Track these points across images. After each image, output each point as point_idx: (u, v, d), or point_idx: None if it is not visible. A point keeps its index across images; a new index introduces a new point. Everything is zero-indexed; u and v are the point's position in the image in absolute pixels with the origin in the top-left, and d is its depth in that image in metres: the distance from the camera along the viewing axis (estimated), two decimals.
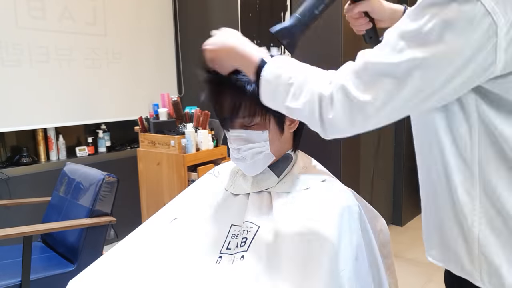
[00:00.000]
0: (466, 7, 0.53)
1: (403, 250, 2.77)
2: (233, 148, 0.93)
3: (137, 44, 3.13)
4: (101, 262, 0.94)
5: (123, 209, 2.37)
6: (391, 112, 0.61)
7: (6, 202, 2.13)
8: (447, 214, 0.68)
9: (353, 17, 0.91)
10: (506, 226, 0.61)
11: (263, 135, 0.90)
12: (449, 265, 0.72)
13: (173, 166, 2.31)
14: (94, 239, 1.85)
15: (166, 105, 2.56)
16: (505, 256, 0.62)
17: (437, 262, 0.75)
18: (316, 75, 0.69)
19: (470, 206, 0.64)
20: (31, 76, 2.53)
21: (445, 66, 0.56)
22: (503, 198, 0.61)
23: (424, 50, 0.56)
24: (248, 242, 0.85)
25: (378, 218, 0.99)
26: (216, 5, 3.17)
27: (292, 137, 0.98)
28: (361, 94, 0.61)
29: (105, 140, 3.01)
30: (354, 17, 0.91)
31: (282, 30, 0.83)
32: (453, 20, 0.54)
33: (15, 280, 1.60)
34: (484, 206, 0.63)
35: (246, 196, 0.96)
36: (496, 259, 0.62)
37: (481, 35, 0.54)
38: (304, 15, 0.83)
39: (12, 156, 2.57)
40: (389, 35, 0.61)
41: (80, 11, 2.74)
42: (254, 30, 2.92)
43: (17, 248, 1.78)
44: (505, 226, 0.61)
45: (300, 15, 0.83)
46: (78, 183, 1.96)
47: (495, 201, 0.62)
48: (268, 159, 0.93)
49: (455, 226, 0.67)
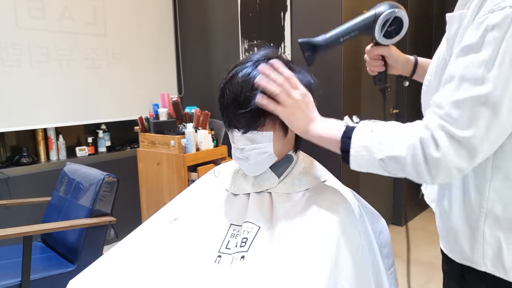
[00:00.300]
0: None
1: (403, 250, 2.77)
2: (236, 148, 0.93)
3: (137, 44, 3.13)
4: (101, 262, 0.94)
5: (123, 209, 2.37)
6: (495, 140, 0.63)
7: (6, 202, 2.13)
8: (457, 204, 0.74)
9: (371, 58, 1.03)
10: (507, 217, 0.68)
11: (267, 136, 0.90)
12: (454, 254, 0.77)
13: (173, 166, 2.31)
14: (94, 239, 1.85)
15: (166, 105, 2.56)
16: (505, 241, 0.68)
17: (444, 250, 0.81)
18: (404, 127, 0.69)
19: (479, 200, 0.70)
20: (31, 76, 2.53)
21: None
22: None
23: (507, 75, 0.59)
24: (248, 242, 0.85)
25: (378, 218, 0.99)
26: (216, 5, 3.17)
27: (294, 138, 0.98)
28: (462, 130, 0.62)
29: (105, 140, 3.01)
30: (372, 58, 1.02)
31: (308, 43, 0.93)
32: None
33: (15, 280, 1.60)
34: (492, 200, 0.69)
35: (246, 196, 0.96)
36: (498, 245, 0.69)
37: None
38: (331, 36, 0.93)
39: (12, 156, 2.57)
40: (455, 69, 0.64)
41: (80, 11, 2.74)
42: (254, 30, 2.92)
43: (17, 248, 1.78)
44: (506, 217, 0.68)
45: (328, 37, 0.93)
46: (78, 183, 1.96)
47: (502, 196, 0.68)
48: (271, 160, 0.93)
49: (464, 218, 0.73)
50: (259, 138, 0.90)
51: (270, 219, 0.88)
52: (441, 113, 0.64)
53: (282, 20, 2.73)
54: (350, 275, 0.81)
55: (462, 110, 0.62)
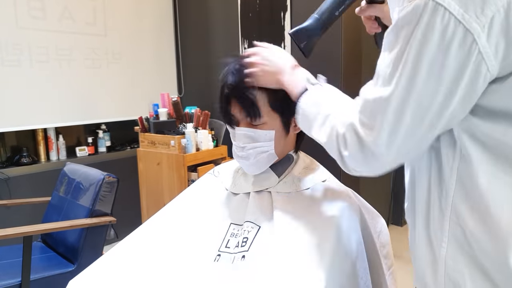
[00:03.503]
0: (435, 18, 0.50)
1: (403, 250, 2.77)
2: (237, 146, 0.93)
3: (137, 44, 3.13)
4: (101, 262, 0.94)
5: (123, 209, 2.37)
6: (401, 147, 0.57)
7: (6, 202, 2.13)
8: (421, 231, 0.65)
9: (366, 18, 0.92)
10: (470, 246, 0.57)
11: (269, 135, 0.90)
12: (418, 283, 0.68)
13: (173, 166, 2.31)
14: (94, 239, 1.85)
15: (166, 105, 2.56)
16: (470, 275, 0.58)
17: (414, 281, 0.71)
18: (342, 109, 0.68)
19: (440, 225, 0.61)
20: (31, 76, 2.53)
21: (434, 89, 0.53)
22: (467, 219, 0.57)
23: (409, 77, 0.54)
24: (249, 242, 0.85)
25: (378, 218, 0.99)
26: (216, 5, 3.17)
27: (295, 138, 0.98)
28: (367, 132, 0.59)
29: (105, 140, 3.01)
30: (367, 18, 0.91)
31: (299, 32, 0.82)
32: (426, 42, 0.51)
33: (15, 280, 1.60)
34: (452, 227, 0.59)
35: (246, 196, 0.96)
36: (461, 279, 0.58)
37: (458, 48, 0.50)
38: (323, 14, 0.80)
39: (12, 156, 2.57)
40: (378, 65, 0.60)
41: (80, 11, 2.74)
42: (254, 30, 2.92)
43: (17, 248, 1.78)
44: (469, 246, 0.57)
45: (318, 15, 0.81)
46: (78, 183, 1.96)
47: (461, 222, 0.58)
48: (271, 159, 0.93)
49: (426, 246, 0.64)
50: (261, 136, 0.90)
51: (270, 219, 0.88)
52: (358, 109, 0.62)
53: (282, 20, 2.73)
54: (350, 275, 0.81)
55: (371, 110, 0.58)
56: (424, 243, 0.64)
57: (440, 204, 0.61)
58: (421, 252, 0.65)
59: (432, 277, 0.63)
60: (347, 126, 0.62)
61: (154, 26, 3.26)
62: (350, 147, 0.61)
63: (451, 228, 0.59)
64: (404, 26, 0.54)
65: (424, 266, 0.64)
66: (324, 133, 0.68)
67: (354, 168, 0.64)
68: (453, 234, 0.59)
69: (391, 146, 0.57)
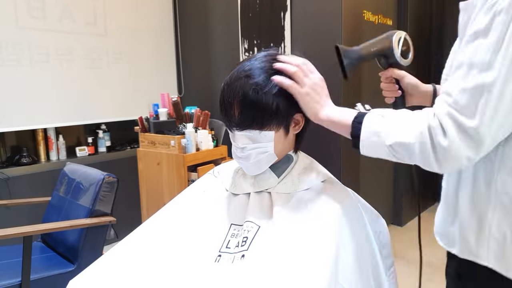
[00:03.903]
0: None
1: (403, 250, 2.77)
2: (237, 147, 0.93)
3: (137, 44, 3.13)
4: (101, 262, 0.94)
5: (123, 209, 2.38)
6: (499, 129, 0.62)
7: (6, 202, 2.13)
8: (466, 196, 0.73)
9: (386, 82, 0.98)
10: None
11: (268, 136, 0.90)
12: (457, 248, 0.76)
13: (173, 166, 2.31)
14: (94, 239, 1.85)
15: (166, 105, 2.57)
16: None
17: (443, 244, 0.81)
18: (413, 114, 0.69)
19: (488, 192, 0.69)
20: (31, 76, 2.53)
21: None
22: None
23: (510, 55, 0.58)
24: (248, 241, 0.85)
25: (378, 218, 0.99)
26: (216, 5, 3.17)
27: (295, 139, 0.98)
28: (469, 119, 0.61)
29: (105, 140, 3.01)
30: (387, 82, 0.98)
31: (350, 51, 0.87)
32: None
33: (15, 280, 1.60)
34: (499, 193, 0.68)
35: (246, 196, 0.96)
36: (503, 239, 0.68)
37: None
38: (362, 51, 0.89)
39: (12, 156, 2.57)
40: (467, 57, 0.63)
41: (80, 11, 2.74)
42: (254, 30, 2.92)
43: (17, 248, 1.78)
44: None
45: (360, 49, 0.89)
46: (78, 183, 1.96)
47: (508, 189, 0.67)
48: (271, 160, 0.93)
49: (472, 210, 0.72)
50: (260, 137, 0.90)
51: (270, 219, 0.88)
52: (450, 101, 0.63)
53: (282, 20, 2.73)
54: (350, 274, 0.81)
55: (469, 98, 0.61)
56: (468, 210, 0.73)
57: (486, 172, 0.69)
58: (465, 217, 0.73)
59: (476, 238, 0.71)
60: (440, 117, 0.63)
61: (154, 26, 3.26)
62: (451, 135, 0.62)
63: (498, 195, 0.68)
64: (500, 12, 0.59)
65: (467, 229, 0.73)
66: (408, 135, 0.67)
67: (448, 159, 0.64)
68: (500, 201, 0.68)
69: (493, 129, 0.61)
